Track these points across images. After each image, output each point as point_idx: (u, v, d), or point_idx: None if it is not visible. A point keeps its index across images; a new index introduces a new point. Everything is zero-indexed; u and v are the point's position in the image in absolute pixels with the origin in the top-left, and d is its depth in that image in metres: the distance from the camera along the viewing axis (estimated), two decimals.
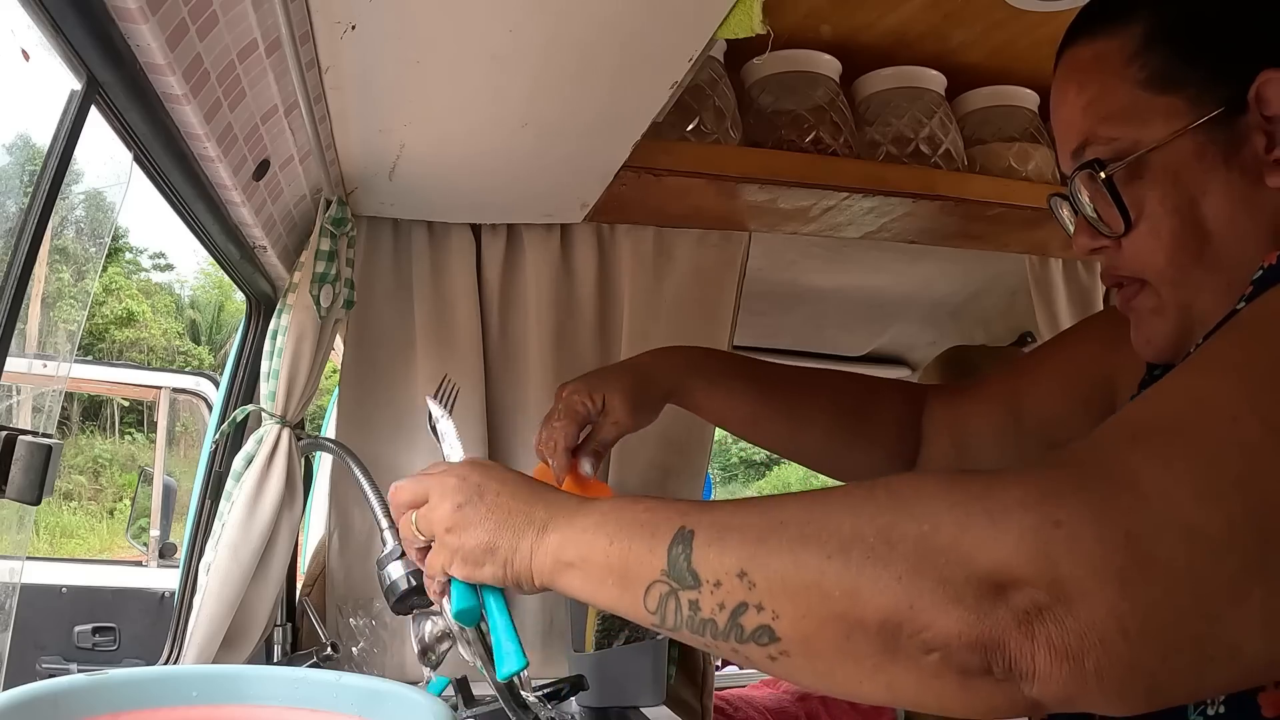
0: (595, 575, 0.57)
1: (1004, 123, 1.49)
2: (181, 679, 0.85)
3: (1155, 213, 0.64)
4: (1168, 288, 0.66)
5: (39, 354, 1.03)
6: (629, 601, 0.55)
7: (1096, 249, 0.69)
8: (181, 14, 0.72)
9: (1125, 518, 0.40)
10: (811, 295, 2.18)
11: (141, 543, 3.34)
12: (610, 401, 0.93)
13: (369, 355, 1.53)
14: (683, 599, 0.51)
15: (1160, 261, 0.65)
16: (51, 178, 0.75)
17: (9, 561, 1.01)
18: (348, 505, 1.51)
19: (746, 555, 0.48)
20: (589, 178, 1.33)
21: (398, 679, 0.94)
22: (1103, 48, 0.66)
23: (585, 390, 0.93)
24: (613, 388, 0.93)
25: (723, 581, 0.49)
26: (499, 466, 0.68)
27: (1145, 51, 0.64)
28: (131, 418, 13.48)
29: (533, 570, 0.61)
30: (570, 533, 0.59)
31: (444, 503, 0.66)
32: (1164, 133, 0.63)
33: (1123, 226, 0.65)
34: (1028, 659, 0.41)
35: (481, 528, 0.63)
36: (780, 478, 15.29)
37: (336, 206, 1.25)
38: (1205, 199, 0.62)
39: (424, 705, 0.80)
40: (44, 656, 2.46)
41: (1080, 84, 0.68)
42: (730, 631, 0.49)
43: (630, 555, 0.54)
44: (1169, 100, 0.63)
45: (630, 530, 0.55)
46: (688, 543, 0.51)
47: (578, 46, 0.93)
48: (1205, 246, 0.63)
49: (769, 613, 0.47)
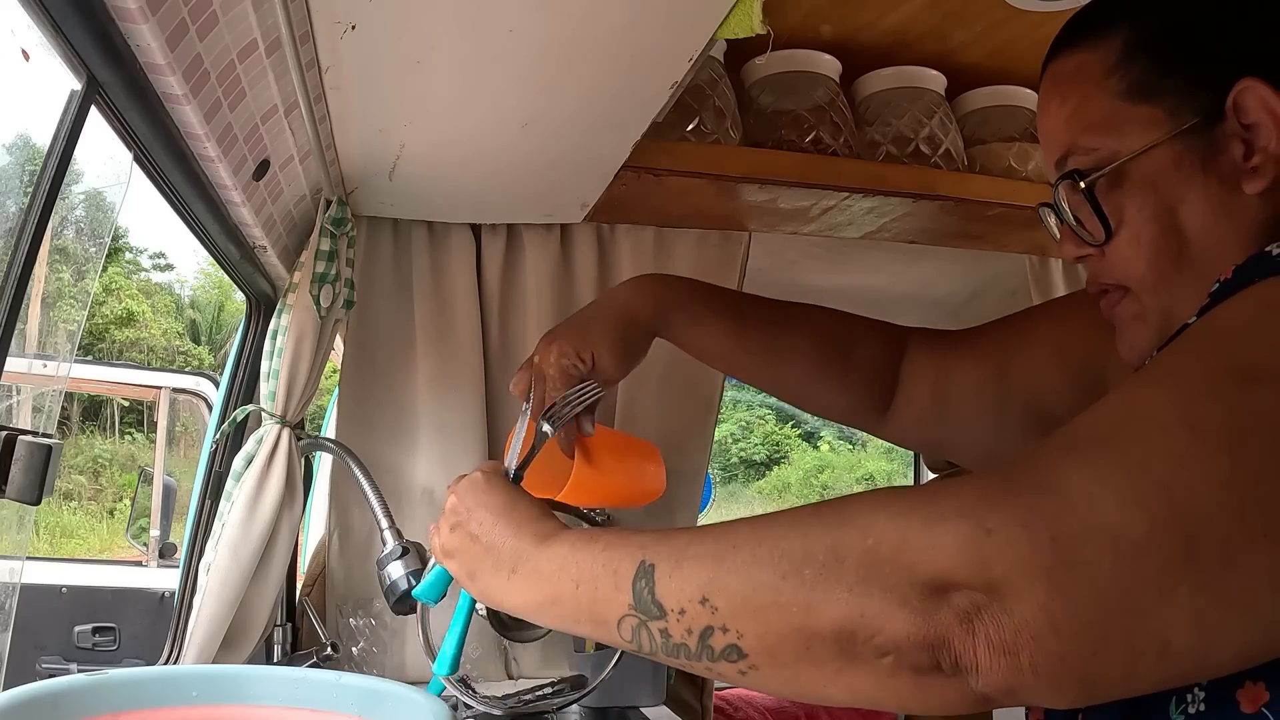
0: (569, 615, 0.61)
1: (1004, 123, 1.50)
2: (181, 679, 0.85)
3: (1135, 221, 0.65)
4: (1148, 294, 0.67)
5: (39, 354, 1.03)
6: (604, 634, 0.58)
7: (1081, 256, 0.70)
8: (181, 14, 0.72)
9: (1051, 522, 0.44)
10: (811, 295, 2.16)
11: (141, 543, 3.34)
12: (600, 358, 0.93)
13: (369, 355, 1.53)
14: (653, 628, 0.54)
15: (1141, 269, 0.66)
16: (51, 178, 0.75)
17: (9, 561, 1.01)
18: (348, 505, 1.51)
19: (705, 580, 0.52)
20: (589, 178, 1.33)
21: (398, 679, 0.94)
22: (1084, 59, 0.67)
23: (574, 351, 0.92)
24: (601, 342, 0.93)
25: (687, 609, 0.53)
26: (493, 486, 0.72)
27: (1125, 62, 0.65)
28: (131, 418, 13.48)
29: (507, 608, 0.66)
30: (535, 580, 0.63)
31: (444, 522, 0.73)
32: (1142, 142, 0.64)
33: (1104, 235, 0.66)
34: (970, 655, 0.45)
35: (464, 557, 0.70)
36: (780, 477, 15.31)
37: (336, 206, 1.25)
38: (1183, 207, 0.63)
39: (424, 705, 0.80)
40: (44, 656, 2.46)
41: (1063, 96, 0.69)
42: (701, 653, 0.52)
43: (597, 596, 0.58)
44: (1148, 110, 0.64)
45: (593, 571, 0.58)
46: (649, 576, 0.55)
47: (578, 46, 0.93)
48: (1184, 253, 0.64)
49: (734, 633, 0.51)
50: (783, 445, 15.74)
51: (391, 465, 1.52)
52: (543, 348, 0.95)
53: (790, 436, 15.68)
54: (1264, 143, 0.61)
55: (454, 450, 1.52)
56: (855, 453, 15.41)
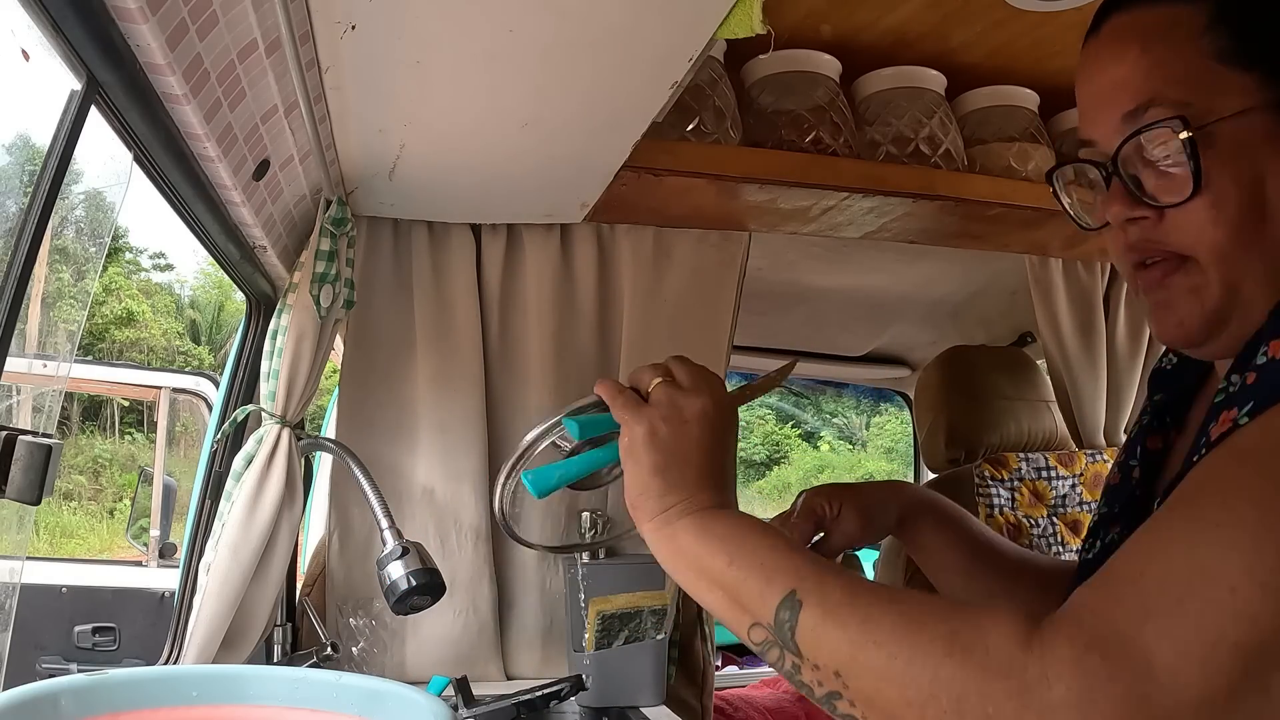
0: (705, 580, 0.64)
1: (1004, 123, 1.49)
2: (181, 679, 0.85)
3: (1221, 184, 0.62)
4: (1218, 266, 0.63)
5: (39, 354, 1.02)
6: (730, 620, 0.62)
7: (1134, 219, 0.66)
8: (181, 14, 0.72)
9: (1146, 706, 0.48)
10: (811, 295, 2.19)
11: (141, 543, 3.34)
12: (846, 512, 0.92)
13: (369, 355, 1.53)
14: (786, 657, 0.59)
15: (1218, 236, 0.63)
16: (51, 178, 0.75)
17: (9, 561, 1.01)
18: (348, 505, 1.51)
19: (844, 660, 0.56)
20: (589, 178, 1.33)
21: (398, 679, 0.94)
22: (1175, 14, 0.65)
23: (825, 496, 0.92)
24: (850, 501, 0.93)
25: (821, 668, 0.57)
26: (729, 421, 0.72)
27: (1218, 24, 0.63)
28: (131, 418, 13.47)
29: (645, 529, 0.68)
30: (697, 533, 0.66)
31: (669, 393, 0.71)
32: (1238, 105, 0.62)
33: (1187, 193, 0.63)
34: None
35: (654, 457, 0.68)
36: (780, 477, 15.29)
37: (336, 206, 1.25)
38: (1271, 180, 0.62)
39: (424, 705, 0.80)
40: (44, 656, 2.45)
41: (1144, 45, 0.65)
42: (822, 701, 0.58)
43: (743, 588, 0.62)
44: (1242, 76, 0.62)
45: (750, 565, 0.62)
46: (795, 611, 0.58)
47: (578, 46, 0.93)
48: (1263, 228, 0.62)
49: (859, 709, 0.56)
50: (783, 445, 15.73)
51: (391, 465, 1.52)
52: (800, 497, 0.95)
53: (790, 436, 15.67)
54: None
55: (454, 450, 1.52)
56: (855, 453, 15.40)
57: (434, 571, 1.18)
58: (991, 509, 1.70)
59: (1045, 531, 1.71)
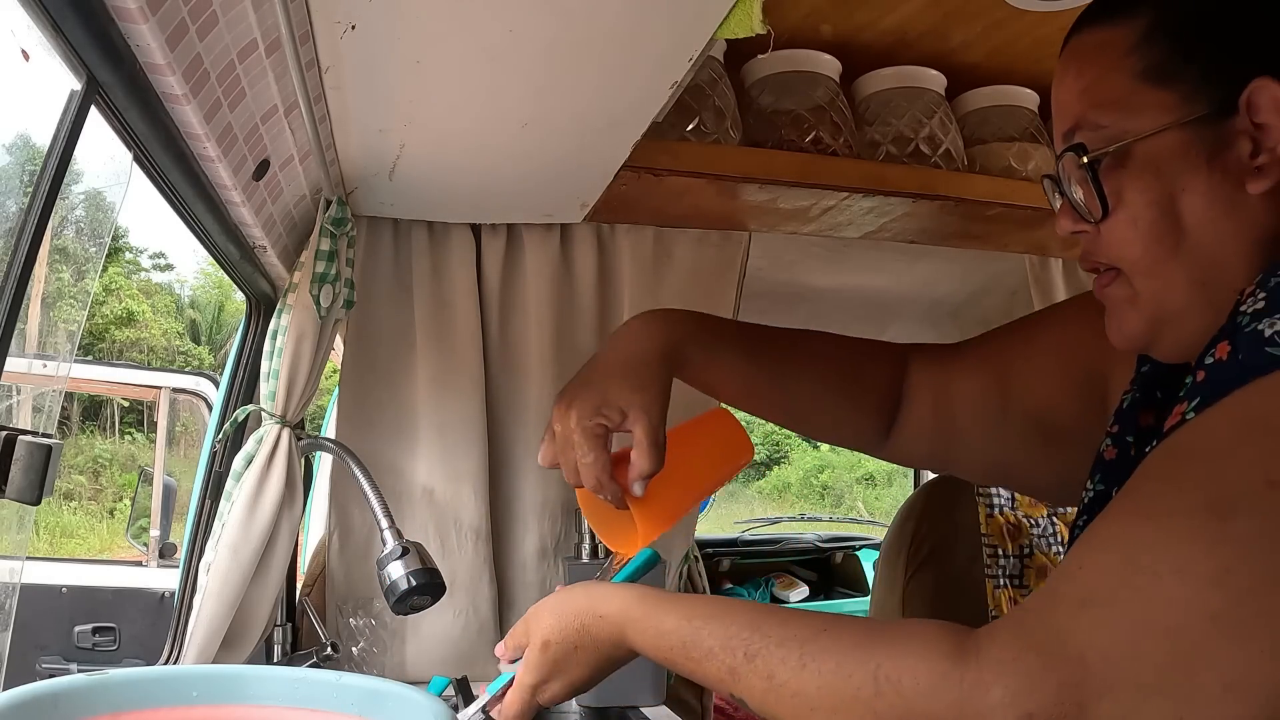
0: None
1: (1004, 122, 1.49)
2: (182, 679, 0.85)
3: (1134, 203, 0.65)
4: (1140, 278, 0.67)
5: (39, 354, 1.02)
6: None
7: (1076, 232, 0.70)
8: (181, 14, 0.72)
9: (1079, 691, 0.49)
10: (811, 295, 2.18)
11: (141, 543, 3.33)
12: (629, 412, 0.83)
13: (369, 355, 1.53)
14: None
15: (1135, 251, 0.66)
16: (51, 178, 0.75)
17: (9, 561, 1.01)
18: (348, 505, 1.51)
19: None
20: (589, 178, 1.33)
21: (398, 679, 0.94)
22: (1106, 36, 0.67)
23: (593, 409, 0.83)
24: (620, 392, 0.84)
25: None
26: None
27: (1146, 44, 0.65)
28: (131, 418, 13.48)
29: None
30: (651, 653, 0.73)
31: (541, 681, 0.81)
32: (1152, 125, 0.64)
33: (1101, 213, 0.66)
34: None
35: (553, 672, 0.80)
36: (780, 477, 15.31)
37: (336, 206, 1.25)
38: (1185, 196, 0.63)
39: (424, 705, 0.80)
40: (44, 656, 2.46)
41: (1079, 69, 0.69)
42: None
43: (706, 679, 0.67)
44: (1162, 94, 0.64)
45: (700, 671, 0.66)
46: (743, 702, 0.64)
47: (578, 46, 0.93)
48: (1181, 242, 0.64)
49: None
50: (783, 445, 15.75)
51: (391, 465, 1.52)
52: (560, 413, 0.85)
53: (790, 436, 15.67)
54: (1271, 144, 0.61)
55: (454, 450, 1.52)
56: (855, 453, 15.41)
57: (434, 571, 1.18)
58: (991, 509, 1.70)
59: (1045, 531, 1.71)
